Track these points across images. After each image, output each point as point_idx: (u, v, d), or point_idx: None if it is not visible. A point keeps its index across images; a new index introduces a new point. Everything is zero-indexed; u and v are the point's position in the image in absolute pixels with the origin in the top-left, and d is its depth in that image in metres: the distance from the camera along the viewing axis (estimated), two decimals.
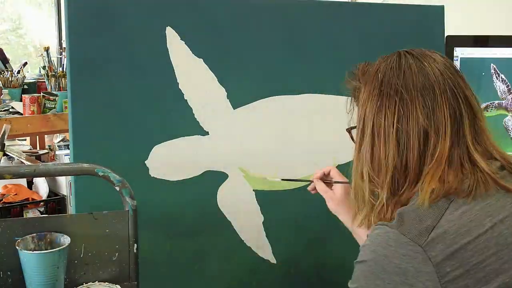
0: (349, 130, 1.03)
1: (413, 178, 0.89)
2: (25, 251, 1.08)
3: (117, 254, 1.19)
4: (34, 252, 1.09)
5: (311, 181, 1.27)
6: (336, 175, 1.25)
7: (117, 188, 1.18)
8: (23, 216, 2.34)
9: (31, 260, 1.07)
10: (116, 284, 1.18)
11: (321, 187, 1.27)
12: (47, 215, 1.17)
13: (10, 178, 1.10)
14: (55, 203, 2.56)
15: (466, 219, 0.82)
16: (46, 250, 1.10)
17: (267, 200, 1.65)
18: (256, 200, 1.64)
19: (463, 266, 0.79)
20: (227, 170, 1.59)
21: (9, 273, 1.12)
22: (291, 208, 1.70)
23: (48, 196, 2.57)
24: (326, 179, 1.26)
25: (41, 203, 2.47)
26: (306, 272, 1.76)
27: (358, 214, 0.97)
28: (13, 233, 1.12)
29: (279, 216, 1.68)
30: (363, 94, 0.94)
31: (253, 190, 1.63)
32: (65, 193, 2.59)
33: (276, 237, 1.68)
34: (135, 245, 1.20)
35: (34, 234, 1.13)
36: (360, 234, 1.15)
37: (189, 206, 1.54)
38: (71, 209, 1.48)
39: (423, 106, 0.88)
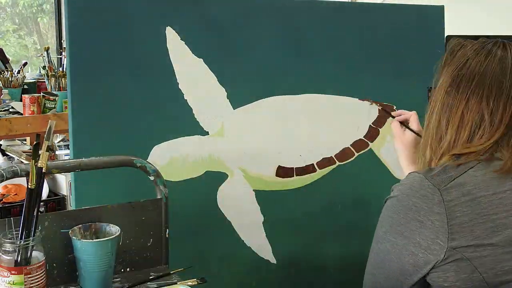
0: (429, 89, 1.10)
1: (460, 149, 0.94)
2: (84, 240, 1.13)
3: (151, 239, 1.26)
4: (94, 240, 1.14)
5: (393, 117, 1.34)
6: (414, 122, 1.31)
7: (152, 178, 1.26)
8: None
9: (88, 249, 1.12)
10: (150, 267, 1.26)
11: (395, 127, 1.33)
12: (88, 207, 1.21)
13: (58, 173, 1.13)
14: (55, 203, 2.56)
15: (488, 178, 0.88)
16: (91, 239, 1.15)
17: (267, 200, 1.65)
18: (256, 200, 1.64)
19: (474, 213, 0.85)
20: (227, 170, 1.59)
21: (54, 265, 1.16)
22: (291, 208, 1.70)
23: (48, 196, 2.57)
24: (404, 123, 1.32)
25: (41, 203, 2.47)
26: (306, 272, 1.76)
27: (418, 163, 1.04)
28: (59, 226, 1.16)
29: (279, 216, 1.68)
30: (443, 73, 0.99)
31: (253, 190, 1.63)
32: (65, 193, 2.60)
33: (276, 237, 1.68)
34: (167, 230, 1.28)
35: (80, 225, 1.17)
36: None
37: (189, 206, 1.54)
38: (70, 209, 1.49)
39: (489, 97, 0.93)
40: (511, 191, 0.88)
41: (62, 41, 4.24)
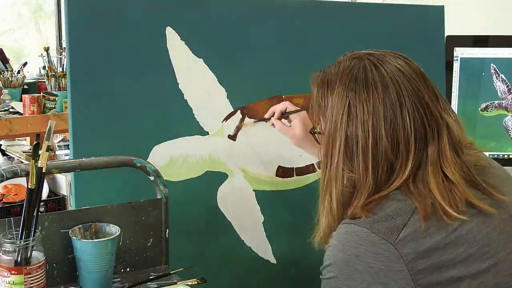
0: (312, 132, 1.01)
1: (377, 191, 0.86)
2: (84, 240, 1.14)
3: (151, 240, 1.27)
4: (94, 240, 1.14)
5: (267, 120, 1.31)
6: (292, 109, 1.27)
7: (152, 178, 1.26)
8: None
9: (88, 249, 1.12)
10: (150, 267, 1.26)
11: (280, 127, 1.28)
12: (88, 207, 1.21)
13: (58, 173, 1.13)
14: (55, 203, 2.56)
15: (434, 220, 0.81)
16: (92, 239, 1.16)
17: (267, 200, 1.65)
18: (256, 200, 1.64)
19: (435, 263, 0.79)
20: (227, 170, 1.59)
21: (54, 265, 1.16)
22: (291, 208, 1.70)
23: (48, 196, 2.57)
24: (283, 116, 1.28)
25: (41, 203, 2.47)
26: (306, 272, 1.75)
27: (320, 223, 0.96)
28: (59, 226, 1.16)
29: (279, 216, 1.68)
30: (328, 107, 0.92)
31: (253, 190, 1.63)
32: (65, 193, 2.60)
33: (276, 237, 1.68)
34: (167, 230, 1.28)
35: (80, 225, 1.18)
36: None
37: (189, 206, 1.54)
38: (70, 209, 1.49)
39: (386, 118, 0.85)
40: (460, 227, 0.82)
41: (62, 41, 4.24)
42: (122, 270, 1.24)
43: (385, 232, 0.79)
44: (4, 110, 2.85)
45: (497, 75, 1.93)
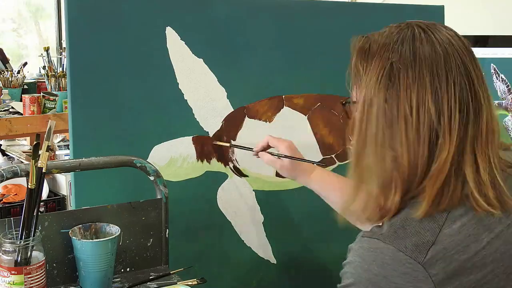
0: (343, 103, 0.92)
1: (417, 179, 0.79)
2: (84, 240, 1.14)
3: (151, 240, 1.27)
4: (94, 240, 1.15)
5: (252, 149, 1.32)
6: (280, 146, 1.28)
7: (152, 178, 1.26)
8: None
9: (88, 249, 1.13)
10: (150, 267, 1.26)
11: (268, 159, 1.29)
12: (88, 207, 1.21)
13: (58, 173, 1.13)
14: (55, 203, 2.56)
15: (465, 234, 0.78)
16: (92, 239, 1.16)
17: (267, 200, 1.65)
18: (256, 200, 1.64)
19: (463, 285, 0.76)
20: (227, 170, 1.59)
21: (54, 265, 1.16)
22: (291, 208, 1.70)
23: (48, 196, 2.57)
24: (268, 151, 1.30)
25: (41, 203, 2.47)
26: (306, 272, 1.76)
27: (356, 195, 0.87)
28: (59, 226, 1.16)
29: (279, 216, 1.68)
30: (366, 72, 0.84)
31: (253, 190, 1.63)
32: (65, 193, 2.60)
33: (276, 237, 1.68)
34: (167, 230, 1.28)
35: (80, 225, 1.18)
36: (314, 186, 1.26)
37: (189, 206, 1.54)
38: (70, 209, 1.49)
39: (431, 89, 0.78)
40: (489, 245, 0.78)
41: (62, 41, 4.24)
42: (122, 270, 1.24)
43: (413, 250, 0.75)
44: (4, 110, 2.85)
45: (497, 75, 1.93)
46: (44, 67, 3.12)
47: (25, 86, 3.19)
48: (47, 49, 3.11)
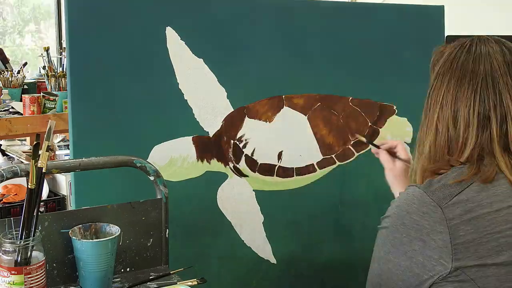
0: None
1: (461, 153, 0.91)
2: (84, 240, 1.14)
3: (151, 239, 1.27)
4: (94, 240, 1.14)
5: (379, 147, 1.35)
6: (401, 151, 1.31)
7: (152, 178, 1.26)
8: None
9: (88, 249, 1.12)
10: (150, 267, 1.26)
11: (384, 157, 1.33)
12: (88, 207, 1.21)
13: (58, 173, 1.12)
14: (55, 203, 2.56)
15: (491, 193, 0.85)
16: (92, 239, 1.16)
17: (267, 200, 1.65)
18: (256, 200, 1.64)
19: (477, 232, 0.82)
20: (227, 170, 1.59)
21: (54, 265, 1.16)
22: (291, 208, 1.70)
23: (48, 196, 2.57)
24: (391, 151, 1.33)
25: (41, 203, 2.47)
26: (306, 272, 1.76)
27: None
28: (59, 226, 1.16)
29: (279, 216, 1.68)
30: (434, 78, 0.99)
31: (253, 190, 1.63)
32: (65, 193, 2.60)
33: (276, 237, 1.68)
34: (167, 230, 1.28)
35: (80, 225, 1.17)
36: None
37: (189, 206, 1.54)
38: (70, 209, 1.49)
39: (487, 91, 0.91)
40: None
41: (62, 41, 4.24)
42: (122, 270, 1.24)
43: (438, 196, 0.85)
44: (4, 110, 2.85)
45: None
46: (44, 67, 3.12)
47: (25, 86, 3.19)
48: (47, 49, 3.11)
